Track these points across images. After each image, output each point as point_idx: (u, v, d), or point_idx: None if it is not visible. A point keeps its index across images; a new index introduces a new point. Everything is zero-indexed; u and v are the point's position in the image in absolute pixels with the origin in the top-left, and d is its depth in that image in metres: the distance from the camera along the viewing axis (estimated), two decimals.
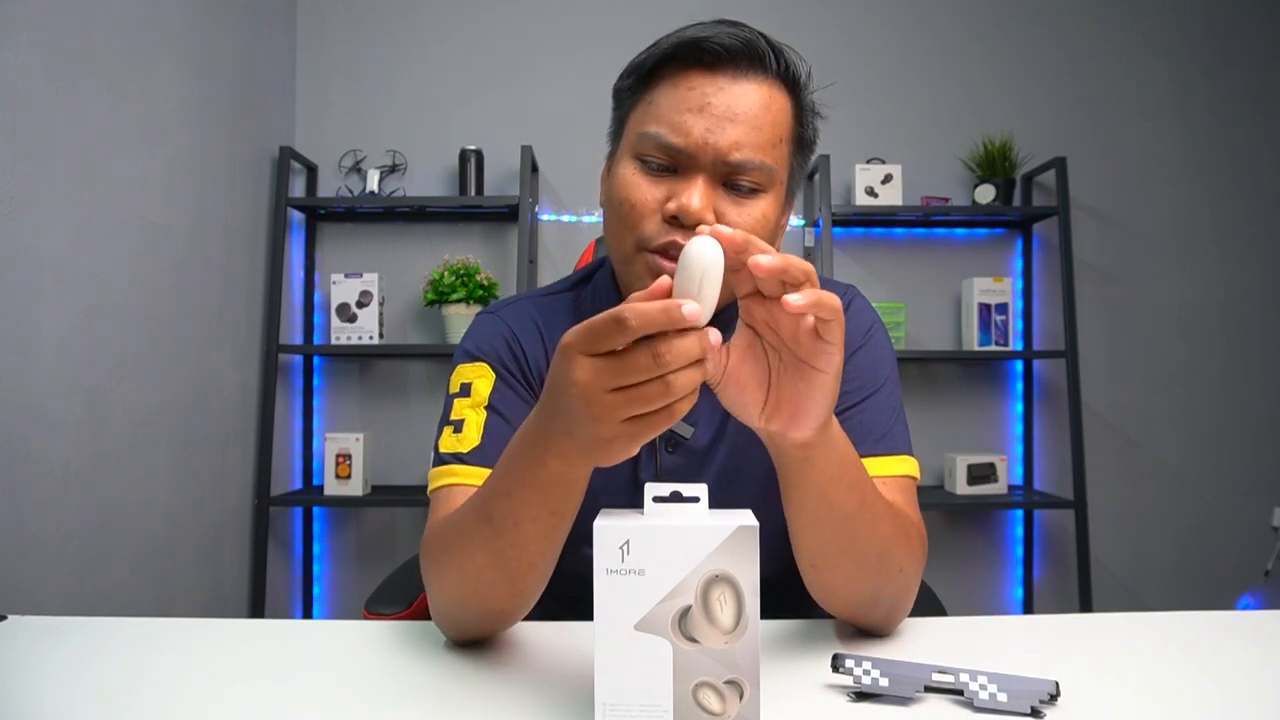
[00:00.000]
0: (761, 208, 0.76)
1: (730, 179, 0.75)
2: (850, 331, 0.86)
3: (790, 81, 0.78)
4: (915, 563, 0.73)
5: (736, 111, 0.74)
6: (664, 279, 0.52)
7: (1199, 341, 2.62)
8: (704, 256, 0.51)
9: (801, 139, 0.81)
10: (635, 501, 0.85)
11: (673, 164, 0.75)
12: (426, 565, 0.73)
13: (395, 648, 0.72)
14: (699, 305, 0.50)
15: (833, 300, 0.53)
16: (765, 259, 0.51)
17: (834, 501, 0.64)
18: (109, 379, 1.70)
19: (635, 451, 0.54)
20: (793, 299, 0.52)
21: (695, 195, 0.73)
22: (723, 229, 0.52)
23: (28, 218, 1.48)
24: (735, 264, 0.53)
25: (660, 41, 0.78)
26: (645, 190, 0.75)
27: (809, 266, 0.53)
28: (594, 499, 0.86)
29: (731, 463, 0.85)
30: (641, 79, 0.79)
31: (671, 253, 0.75)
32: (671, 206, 0.74)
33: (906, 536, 0.72)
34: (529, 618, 0.99)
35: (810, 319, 0.54)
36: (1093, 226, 2.62)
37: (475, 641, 0.73)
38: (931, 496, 2.42)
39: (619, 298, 0.86)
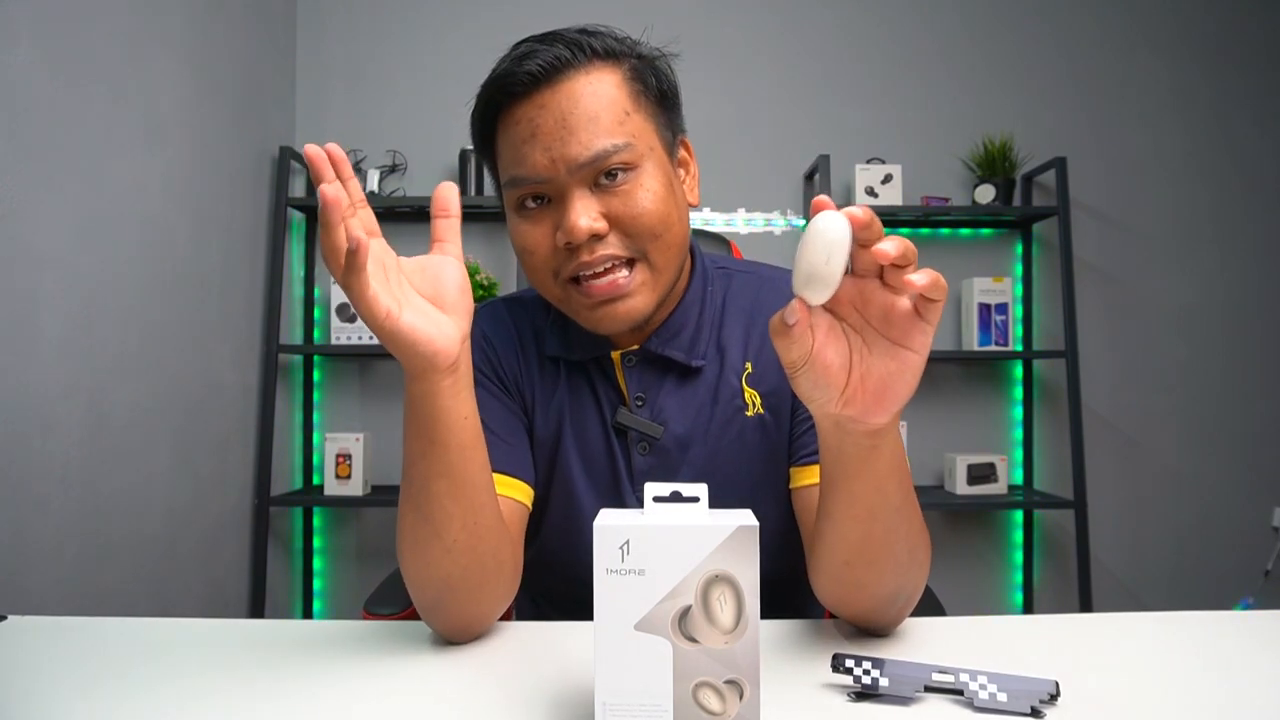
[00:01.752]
0: (642, 184, 0.76)
1: (599, 176, 0.75)
2: None
3: (607, 54, 0.77)
4: (930, 560, 0.73)
5: (566, 118, 0.74)
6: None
7: (1199, 341, 2.62)
8: (828, 230, 0.50)
9: (651, 92, 0.79)
10: (617, 504, 0.85)
11: (543, 195, 0.76)
12: (399, 559, 0.73)
13: (395, 647, 0.72)
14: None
15: (943, 281, 0.53)
16: (888, 245, 0.51)
17: (888, 494, 0.64)
18: (109, 379, 1.70)
19: (360, 296, 0.58)
20: (916, 278, 0.51)
21: (572, 214, 0.74)
22: (851, 210, 0.51)
23: (28, 218, 1.48)
24: (864, 241, 0.52)
25: (478, 95, 0.80)
26: (534, 235, 0.77)
27: (915, 248, 0.53)
28: (580, 502, 0.86)
29: (711, 464, 0.85)
30: (483, 138, 0.81)
31: (584, 274, 0.77)
32: (560, 238, 0.75)
33: (926, 533, 0.72)
34: (528, 617, 0.99)
35: (907, 300, 0.54)
36: (1093, 226, 2.61)
37: (463, 638, 0.73)
38: (931, 496, 2.42)
39: (549, 306, 0.90)
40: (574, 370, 0.88)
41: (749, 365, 0.87)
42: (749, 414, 0.86)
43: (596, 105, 0.75)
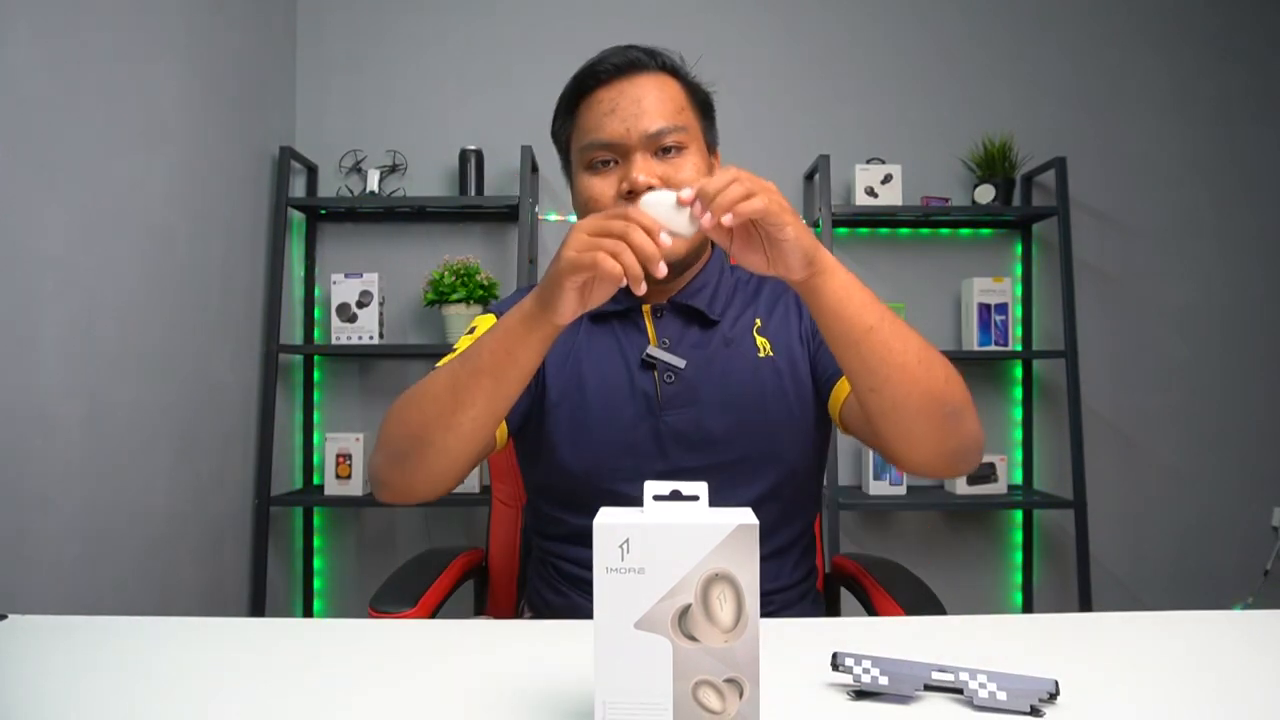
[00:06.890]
0: (691, 161, 0.98)
1: (659, 146, 0.97)
2: None
3: (671, 69, 1.02)
4: (957, 375, 0.85)
5: (640, 101, 0.97)
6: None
7: (1199, 341, 2.62)
8: (654, 199, 0.77)
9: (698, 103, 1.03)
10: (655, 428, 0.99)
11: (612, 157, 0.98)
12: (390, 410, 0.88)
13: (395, 647, 0.73)
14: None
15: (736, 193, 0.73)
16: (685, 192, 0.75)
17: (852, 318, 0.81)
18: (109, 379, 1.70)
19: (572, 291, 0.77)
20: (725, 219, 0.73)
21: (635, 169, 0.95)
22: (684, 193, 0.76)
23: (28, 218, 1.48)
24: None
25: (569, 84, 1.03)
26: (600, 186, 0.98)
27: (713, 185, 0.74)
28: (617, 423, 1.00)
29: (728, 396, 1.00)
30: (567, 114, 1.04)
31: None
32: (624, 186, 0.96)
33: (937, 353, 0.85)
34: (530, 617, 0.99)
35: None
36: (1093, 226, 2.61)
37: (404, 499, 0.88)
38: (931, 496, 2.42)
39: None
40: (596, 326, 1.05)
41: (759, 320, 1.05)
42: (761, 355, 1.02)
43: (663, 96, 0.98)
